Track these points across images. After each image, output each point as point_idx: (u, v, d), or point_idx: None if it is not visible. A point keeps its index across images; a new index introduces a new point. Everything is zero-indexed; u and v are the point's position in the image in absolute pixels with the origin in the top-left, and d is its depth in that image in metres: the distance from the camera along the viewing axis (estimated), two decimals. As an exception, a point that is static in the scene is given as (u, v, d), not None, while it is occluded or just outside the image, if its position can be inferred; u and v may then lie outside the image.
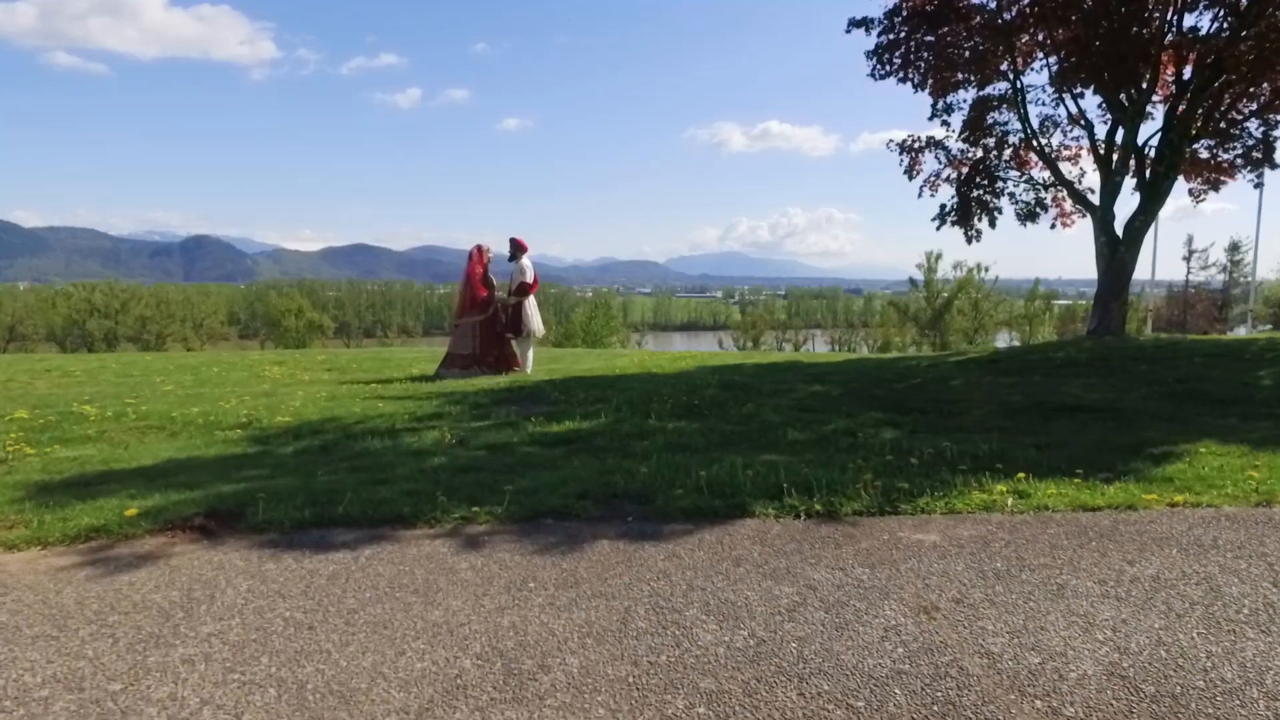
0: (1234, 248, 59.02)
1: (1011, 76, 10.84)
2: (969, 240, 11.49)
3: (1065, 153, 11.68)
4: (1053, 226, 11.62)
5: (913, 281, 67.70)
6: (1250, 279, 36.94)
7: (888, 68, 10.90)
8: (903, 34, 10.65)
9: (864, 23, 10.84)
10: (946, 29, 10.28)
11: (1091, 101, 11.46)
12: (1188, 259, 59.21)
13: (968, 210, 11.26)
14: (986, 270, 65.10)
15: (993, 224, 11.54)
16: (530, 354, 11.17)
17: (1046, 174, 11.48)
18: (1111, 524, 3.39)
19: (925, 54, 10.62)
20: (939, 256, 65.57)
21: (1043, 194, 11.57)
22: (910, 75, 11.01)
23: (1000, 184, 11.41)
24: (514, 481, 4.21)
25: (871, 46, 11.07)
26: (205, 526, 3.50)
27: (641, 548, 3.18)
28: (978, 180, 11.28)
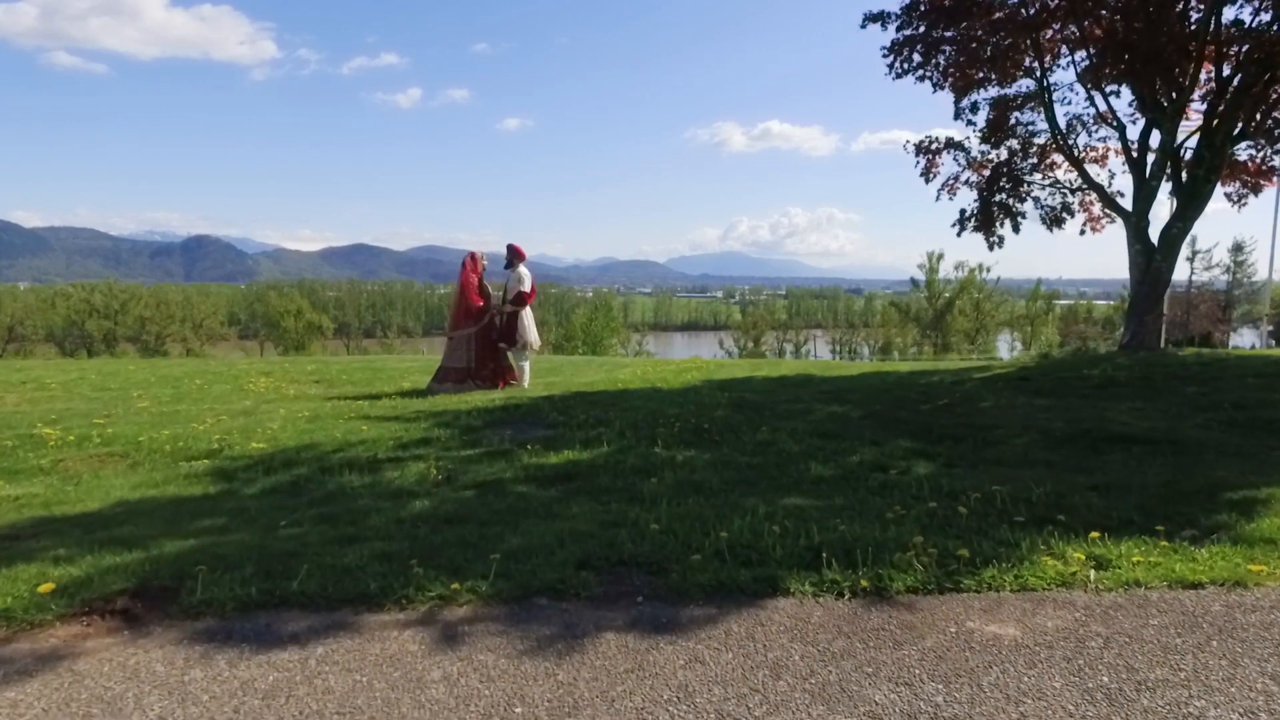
0: (1238, 248, 58.36)
1: (1038, 73, 10.21)
2: (991, 246, 10.89)
3: (1090, 154, 11.08)
4: (1082, 232, 11.02)
5: (914, 282, 67.22)
6: (1267, 278, 36.26)
7: (906, 65, 10.28)
8: (921, 29, 10.05)
9: (880, 17, 10.21)
10: (967, 24, 9.68)
11: (1122, 100, 10.83)
12: (1191, 259, 58.59)
13: (990, 215, 10.63)
14: (988, 271, 64.77)
15: (1016, 229, 10.92)
16: (527, 366, 10.60)
17: (1073, 176, 10.87)
18: (1224, 611, 2.80)
19: (947, 49, 10.00)
20: (940, 257, 65.22)
21: (1069, 198, 10.96)
22: (930, 73, 10.39)
23: (1025, 187, 10.78)
24: (504, 538, 3.64)
25: (888, 43, 10.48)
26: (129, 610, 2.91)
27: (656, 646, 2.59)
28: (1001, 184, 10.65)
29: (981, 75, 10.14)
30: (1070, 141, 10.46)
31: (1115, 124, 10.24)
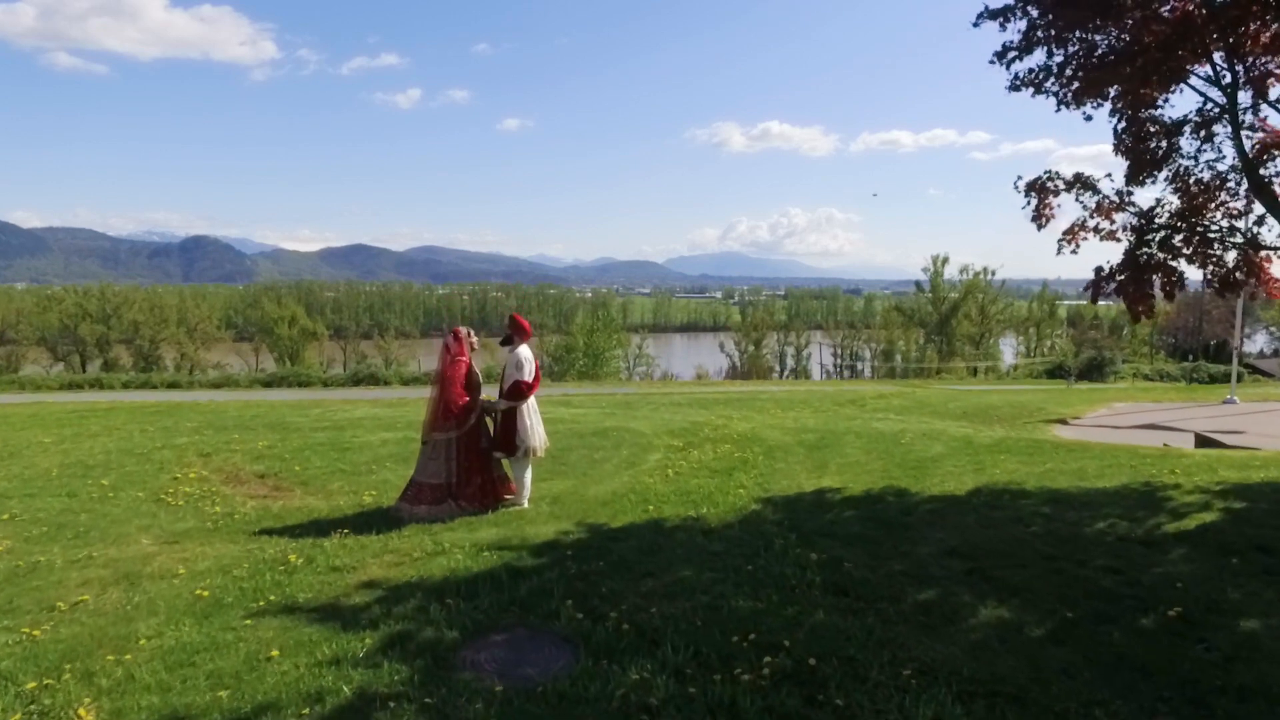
0: (1249, 251, 55.78)
1: (1226, 85, 7.48)
2: (1137, 317, 8.23)
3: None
4: (1254, 297, 8.37)
5: (918, 285, 65.02)
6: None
7: (1037, 75, 7.66)
8: (1058, 25, 7.42)
9: (1002, 12, 7.61)
10: (1123, 20, 7.09)
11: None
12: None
13: (1141, 275, 7.94)
14: (993, 274, 62.76)
15: (1171, 296, 8.25)
16: (528, 478, 7.97)
17: (1244, 224, 8.17)
18: None
19: (1097, 55, 7.35)
20: (945, 260, 63.08)
21: (1242, 253, 8.16)
22: (1057, 86, 7.77)
23: (1211, 241, 7.96)
24: None
25: (1000, 47, 7.88)
26: None
27: None
28: (1156, 234, 7.95)
29: (1146, 90, 7.46)
30: (1268, 178, 7.61)
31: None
